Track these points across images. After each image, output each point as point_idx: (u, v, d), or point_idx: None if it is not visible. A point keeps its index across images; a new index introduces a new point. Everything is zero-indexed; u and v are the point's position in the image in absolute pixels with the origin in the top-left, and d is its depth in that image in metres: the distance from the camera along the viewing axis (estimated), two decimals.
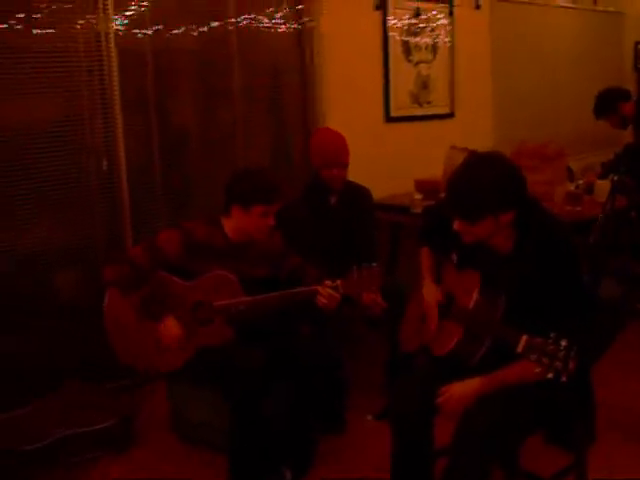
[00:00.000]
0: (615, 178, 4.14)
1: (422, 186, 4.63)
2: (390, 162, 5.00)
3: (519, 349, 2.19)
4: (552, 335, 2.11)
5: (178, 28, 4.04)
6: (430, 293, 2.72)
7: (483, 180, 2.28)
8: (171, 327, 2.95)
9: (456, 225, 2.38)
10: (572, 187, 4.85)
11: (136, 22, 3.89)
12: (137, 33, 3.91)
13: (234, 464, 2.96)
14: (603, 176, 4.81)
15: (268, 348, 3.04)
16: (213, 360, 2.95)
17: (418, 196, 4.44)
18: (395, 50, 5.06)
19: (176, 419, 3.47)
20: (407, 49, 5.13)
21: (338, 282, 2.92)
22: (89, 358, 3.81)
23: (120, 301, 3.04)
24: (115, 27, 3.78)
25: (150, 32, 3.94)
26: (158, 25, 3.95)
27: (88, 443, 3.29)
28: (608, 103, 4.92)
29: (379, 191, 4.41)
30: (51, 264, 3.78)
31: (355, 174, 3.89)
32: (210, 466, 3.23)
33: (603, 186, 4.57)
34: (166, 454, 3.38)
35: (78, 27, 3.68)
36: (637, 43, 7.68)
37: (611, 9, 7.21)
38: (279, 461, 3.04)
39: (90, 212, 3.88)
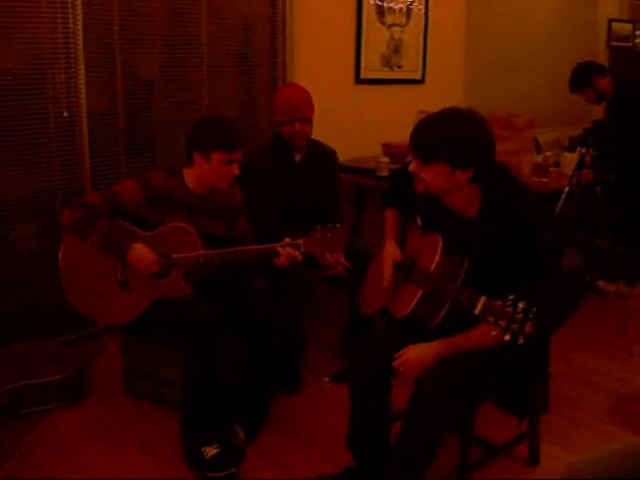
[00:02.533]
0: (582, 152, 4.14)
1: (389, 150, 4.60)
2: (358, 124, 4.97)
3: (476, 311, 2.17)
4: (510, 297, 2.09)
5: None
6: (389, 253, 2.68)
7: (446, 126, 2.29)
8: (141, 250, 2.87)
9: (412, 165, 2.37)
10: (540, 159, 4.86)
11: None
12: None
13: (186, 420, 2.93)
14: (570, 150, 4.81)
15: (223, 303, 3.01)
16: (167, 314, 2.91)
17: (385, 159, 4.41)
18: (369, 11, 4.98)
19: (130, 373, 3.41)
20: (381, 11, 5.05)
21: (300, 241, 2.87)
22: (47, 310, 3.75)
23: (78, 247, 2.98)
24: None
25: None
26: None
27: (40, 395, 3.25)
28: (584, 76, 4.90)
29: (346, 153, 4.37)
30: (8, 213, 3.68)
31: (322, 134, 3.85)
32: (162, 421, 3.19)
33: (570, 159, 4.58)
34: (118, 408, 3.33)
35: None
36: (610, 21, 7.67)
37: None
38: (232, 419, 3.00)
39: (49, 161, 3.78)
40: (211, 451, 2.82)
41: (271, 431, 3.15)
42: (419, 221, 2.63)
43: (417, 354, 2.39)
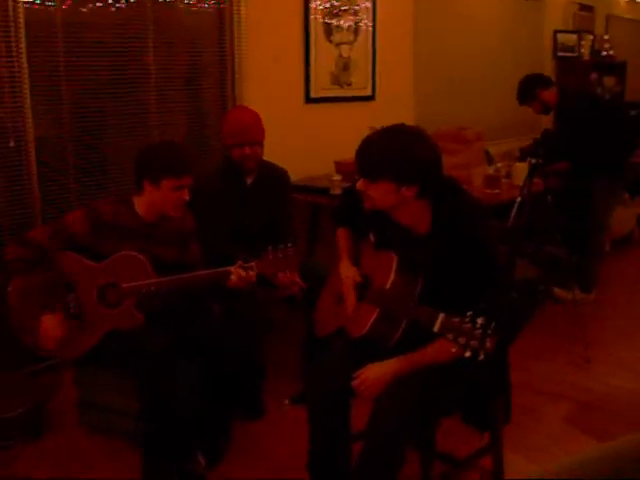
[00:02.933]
0: (532, 162, 4.20)
1: (341, 168, 4.61)
2: (310, 143, 4.97)
3: (435, 329, 2.16)
4: (468, 314, 2.09)
5: (93, 2, 3.88)
6: (347, 273, 2.67)
7: (390, 143, 2.29)
8: (49, 325, 2.83)
9: (358, 184, 2.38)
10: (491, 170, 4.91)
11: None
12: (48, 5, 3.73)
13: (145, 451, 2.87)
14: (521, 160, 4.87)
15: (177, 330, 2.97)
16: (119, 343, 2.86)
17: (337, 177, 4.41)
18: (316, 30, 4.99)
19: (84, 406, 3.34)
20: (328, 29, 5.07)
21: (252, 263, 2.85)
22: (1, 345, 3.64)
23: (27, 281, 2.92)
24: None
25: (63, 5, 3.77)
26: None
27: None
28: (528, 90, 4.98)
29: (298, 172, 4.37)
30: None
31: (274, 155, 3.84)
32: (121, 454, 3.12)
33: (521, 170, 4.64)
34: (75, 443, 3.26)
35: None
36: (556, 32, 7.80)
37: None
38: (192, 447, 2.95)
39: None
40: None
41: (232, 456, 3.11)
42: (372, 238, 2.63)
43: (376, 373, 2.38)
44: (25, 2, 3.61)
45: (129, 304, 2.87)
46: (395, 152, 2.26)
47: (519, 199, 4.15)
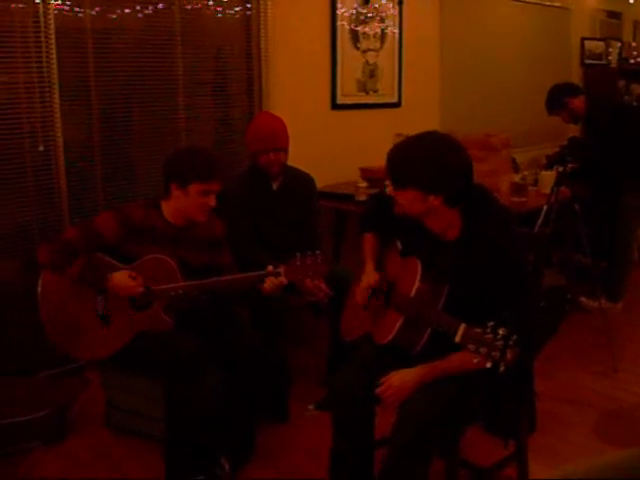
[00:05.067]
0: (560, 170, 4.17)
1: (367, 174, 4.60)
2: (335, 150, 4.97)
3: (457, 339, 2.16)
4: (490, 324, 2.09)
5: (121, 8, 3.92)
6: (365, 277, 2.67)
7: (418, 152, 2.30)
8: (121, 278, 2.84)
9: (390, 189, 2.41)
10: (517, 178, 4.88)
11: (77, 0, 3.76)
12: (77, 12, 3.77)
13: (170, 455, 2.89)
14: (548, 168, 4.85)
15: (205, 335, 2.98)
16: (148, 347, 2.88)
17: (363, 184, 4.41)
18: (343, 37, 5.00)
19: (111, 409, 3.37)
20: (355, 36, 5.08)
21: (281, 268, 2.86)
22: (27, 347, 3.68)
23: (55, 282, 2.95)
24: (54, 4, 3.63)
25: (92, 11, 3.81)
26: (99, 5, 3.83)
27: (20, 434, 3.19)
28: (557, 99, 4.95)
29: (324, 179, 4.38)
30: None
31: (300, 161, 3.85)
32: (145, 458, 3.14)
33: (547, 178, 4.61)
34: (100, 445, 3.28)
35: (14, 5, 3.54)
36: (583, 39, 7.75)
37: (557, 4, 7.27)
38: (217, 451, 2.96)
39: (26, 196, 3.74)
40: None
41: (257, 461, 3.11)
42: (399, 245, 2.62)
43: (400, 380, 2.38)
44: (56, 8, 3.65)
45: (158, 307, 2.89)
46: (422, 161, 2.27)
47: (546, 207, 4.13)
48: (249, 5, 4.50)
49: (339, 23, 4.96)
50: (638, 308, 5.10)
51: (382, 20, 5.26)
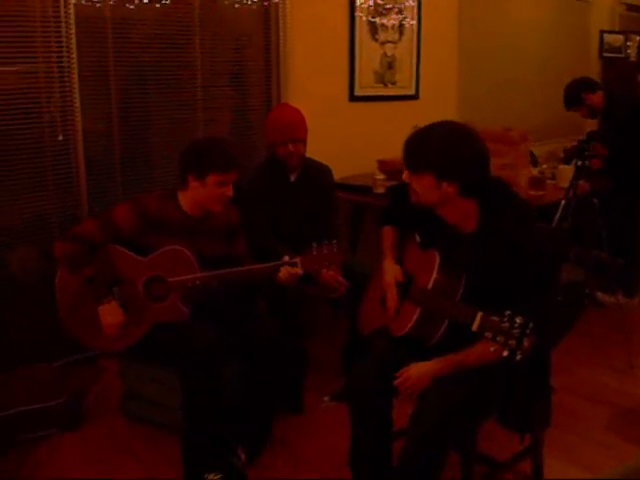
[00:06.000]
0: (579, 164, 4.14)
1: (385, 166, 4.59)
2: (353, 141, 4.96)
3: (474, 327, 2.17)
4: (507, 313, 2.09)
5: None
6: (389, 271, 2.68)
7: (435, 138, 2.30)
8: (109, 313, 2.88)
9: (403, 175, 2.40)
10: (536, 172, 4.86)
11: None
12: (97, 1, 3.78)
13: (187, 444, 2.90)
14: (566, 162, 4.82)
15: (222, 325, 2.99)
16: (166, 337, 2.89)
17: (380, 176, 4.40)
18: (361, 29, 4.99)
19: (128, 397, 3.39)
20: (374, 28, 5.07)
21: (297, 259, 2.86)
22: (43, 334, 3.71)
23: (69, 278, 2.97)
24: None
25: (111, 1, 3.81)
26: None
27: (38, 421, 3.22)
28: (574, 96, 4.93)
29: (341, 170, 4.37)
30: (5, 238, 3.67)
31: (317, 152, 3.85)
32: (162, 444, 3.17)
33: (566, 172, 4.59)
34: (117, 432, 3.31)
35: None
36: (602, 32, 7.70)
37: None
38: (234, 441, 2.97)
39: (45, 185, 3.76)
40: (213, 478, 2.81)
41: (273, 452, 3.13)
42: (417, 238, 2.62)
43: (418, 372, 2.38)
44: None
45: (175, 298, 2.90)
46: (437, 147, 2.27)
47: (564, 201, 4.10)
48: None
49: (357, 15, 4.94)
50: None
51: (400, 12, 5.24)
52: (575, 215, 4.06)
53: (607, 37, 7.75)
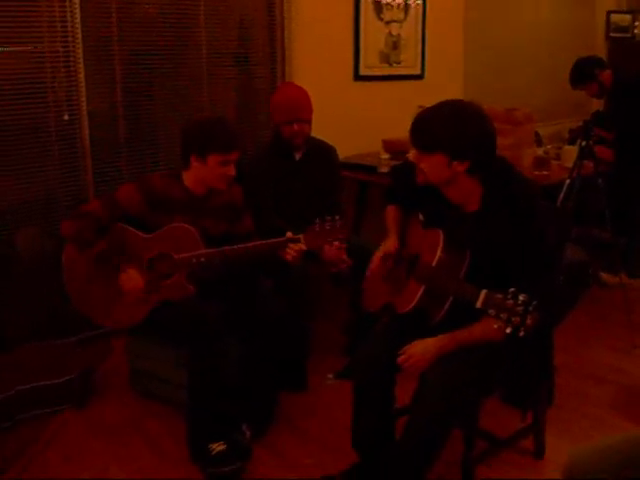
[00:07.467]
0: (583, 144, 4.14)
1: (389, 146, 4.60)
2: (358, 121, 4.96)
3: (478, 304, 2.18)
4: (510, 290, 2.10)
5: None
6: (384, 245, 2.70)
7: (445, 116, 2.30)
8: (132, 277, 2.91)
9: (411, 155, 2.39)
10: (541, 152, 4.86)
11: None
12: None
13: (192, 421, 2.94)
14: (571, 142, 4.82)
15: (227, 302, 3.02)
16: (171, 314, 2.92)
17: (385, 156, 4.42)
18: (366, 8, 4.97)
19: (134, 374, 3.43)
20: (379, 7, 5.05)
21: (300, 235, 2.88)
22: (51, 312, 3.74)
23: (77, 256, 3.00)
24: None
25: None
26: None
27: (47, 397, 3.26)
28: (587, 71, 4.91)
29: (346, 150, 4.38)
30: (11, 218, 3.69)
31: (322, 132, 3.85)
32: (170, 420, 3.21)
33: (570, 152, 4.59)
34: (125, 408, 3.35)
35: None
36: (609, 12, 7.65)
37: None
38: (238, 418, 3.00)
39: (51, 165, 3.78)
40: (217, 447, 2.84)
41: (277, 428, 3.16)
42: (421, 217, 2.63)
43: (422, 349, 2.39)
44: None
45: (180, 275, 2.92)
46: (451, 126, 2.27)
47: (568, 181, 4.10)
48: None
49: None
50: None
51: None
52: (579, 195, 4.07)
53: (614, 17, 7.69)
